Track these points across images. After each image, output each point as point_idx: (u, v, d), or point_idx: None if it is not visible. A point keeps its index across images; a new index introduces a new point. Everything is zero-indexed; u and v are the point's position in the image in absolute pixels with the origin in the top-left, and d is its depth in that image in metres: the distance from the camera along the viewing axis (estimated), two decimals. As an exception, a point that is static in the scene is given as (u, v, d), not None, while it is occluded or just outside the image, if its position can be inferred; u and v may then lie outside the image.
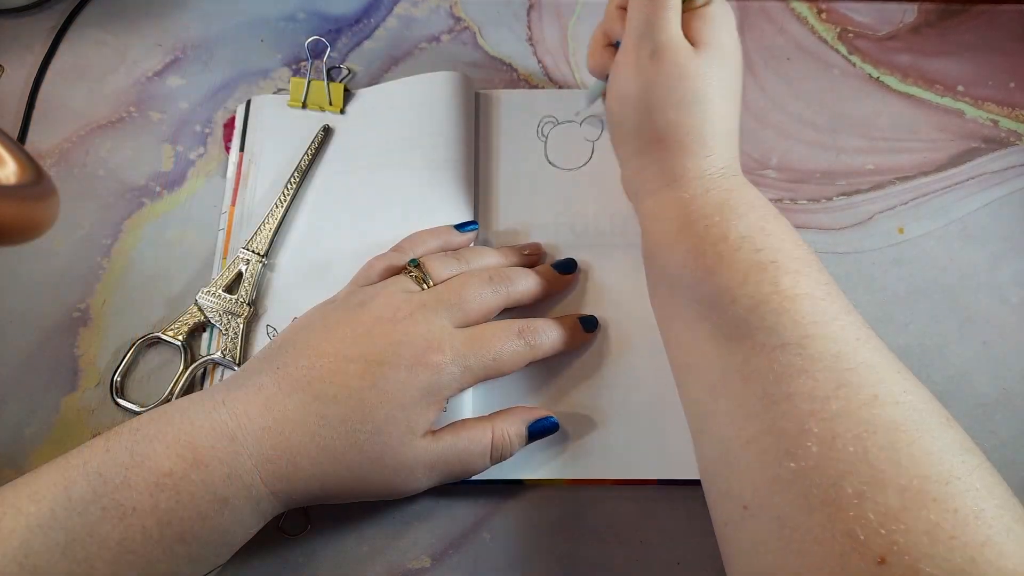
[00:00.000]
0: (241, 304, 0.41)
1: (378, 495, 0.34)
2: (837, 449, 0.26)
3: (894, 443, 0.26)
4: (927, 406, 0.28)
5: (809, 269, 0.32)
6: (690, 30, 0.36)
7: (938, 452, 0.26)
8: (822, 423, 0.27)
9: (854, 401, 0.27)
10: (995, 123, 0.47)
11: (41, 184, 0.26)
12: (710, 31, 0.35)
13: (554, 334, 0.38)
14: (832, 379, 0.28)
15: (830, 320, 0.30)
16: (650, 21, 0.35)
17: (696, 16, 0.36)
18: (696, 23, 0.36)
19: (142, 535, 0.29)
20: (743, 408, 0.30)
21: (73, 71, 0.49)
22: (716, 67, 0.35)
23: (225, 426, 0.31)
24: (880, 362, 0.29)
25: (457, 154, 0.44)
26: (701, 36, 0.35)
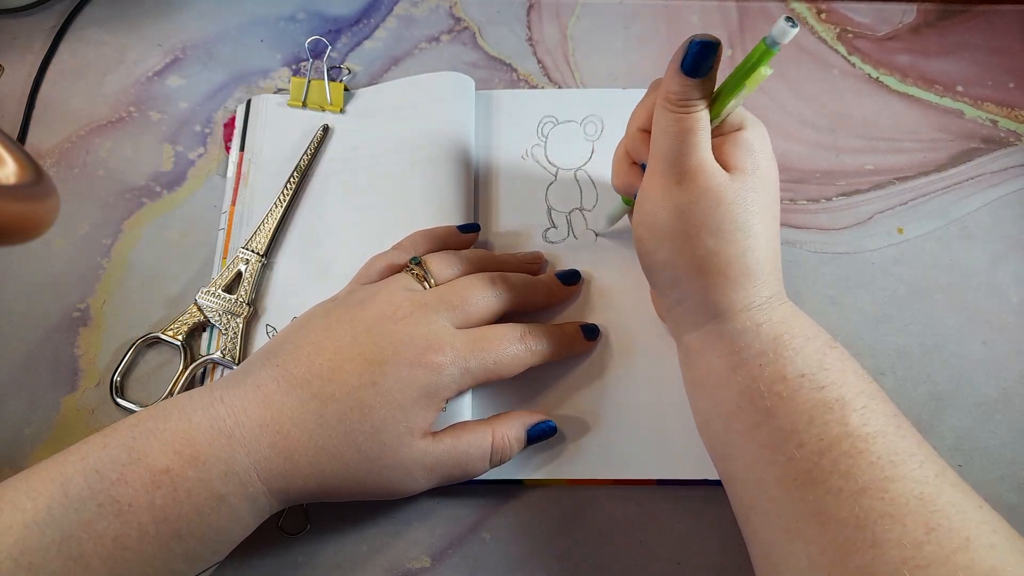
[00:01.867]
0: (241, 304, 0.41)
1: (376, 495, 0.34)
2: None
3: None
4: (1019, 544, 0.27)
5: (876, 403, 0.30)
6: (722, 154, 0.33)
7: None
8: (916, 572, 0.25)
9: (946, 547, 0.26)
10: (994, 123, 0.47)
11: (41, 184, 0.26)
12: (746, 155, 0.33)
13: (555, 340, 0.38)
14: (921, 523, 0.26)
15: (907, 458, 0.28)
16: (678, 146, 0.32)
17: (728, 140, 0.33)
18: (729, 147, 0.33)
19: (138, 532, 0.29)
20: (824, 555, 0.28)
21: (73, 71, 0.49)
22: (754, 192, 0.32)
23: (223, 423, 0.31)
24: (962, 499, 0.27)
25: (457, 154, 0.44)
26: (736, 160, 0.33)
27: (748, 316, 0.32)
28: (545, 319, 0.41)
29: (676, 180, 0.32)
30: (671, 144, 0.32)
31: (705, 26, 0.51)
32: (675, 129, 0.32)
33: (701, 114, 0.32)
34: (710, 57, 0.30)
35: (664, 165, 0.33)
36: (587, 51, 0.50)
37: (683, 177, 0.32)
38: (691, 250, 0.33)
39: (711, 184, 0.32)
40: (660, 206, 0.33)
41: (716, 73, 0.31)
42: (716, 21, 0.51)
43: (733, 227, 0.32)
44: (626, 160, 0.37)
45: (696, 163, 0.32)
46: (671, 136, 0.32)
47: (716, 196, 0.32)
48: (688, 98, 0.31)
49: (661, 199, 0.33)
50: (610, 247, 0.43)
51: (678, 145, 0.32)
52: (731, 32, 0.51)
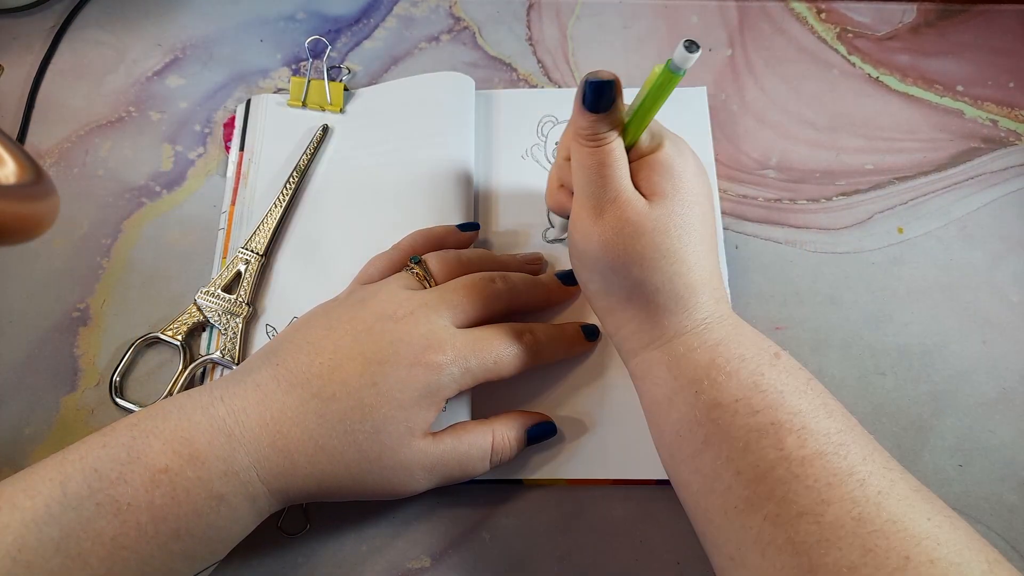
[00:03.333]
0: (240, 304, 0.41)
1: (376, 495, 0.34)
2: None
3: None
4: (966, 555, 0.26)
5: (815, 421, 0.29)
6: (641, 181, 0.33)
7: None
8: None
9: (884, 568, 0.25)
10: (994, 123, 0.47)
11: (41, 184, 0.26)
12: (664, 179, 0.32)
13: (556, 341, 0.38)
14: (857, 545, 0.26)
15: (845, 478, 0.27)
16: (593, 179, 0.32)
17: (646, 164, 0.33)
18: (646, 172, 0.33)
19: (137, 531, 0.29)
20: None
21: (73, 71, 0.49)
22: (675, 216, 0.32)
23: (223, 422, 0.31)
24: (907, 513, 0.27)
25: (457, 154, 0.44)
26: (654, 186, 0.32)
27: (681, 342, 0.32)
28: (545, 319, 0.41)
29: (597, 213, 0.32)
30: (588, 177, 0.32)
31: (705, 26, 0.51)
32: (589, 163, 0.32)
33: (613, 145, 0.32)
34: (607, 93, 0.31)
35: (585, 197, 0.33)
36: (587, 51, 0.50)
37: (603, 210, 0.32)
38: (619, 281, 0.33)
39: (629, 215, 0.32)
40: (586, 238, 0.33)
41: (621, 104, 0.32)
42: (716, 21, 0.51)
43: (657, 255, 0.32)
44: (556, 184, 0.39)
45: (613, 195, 0.32)
46: (586, 169, 0.32)
47: (635, 227, 0.32)
48: (596, 132, 0.32)
49: (587, 230, 0.33)
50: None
51: (594, 178, 0.32)
52: (731, 32, 0.51)
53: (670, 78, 0.29)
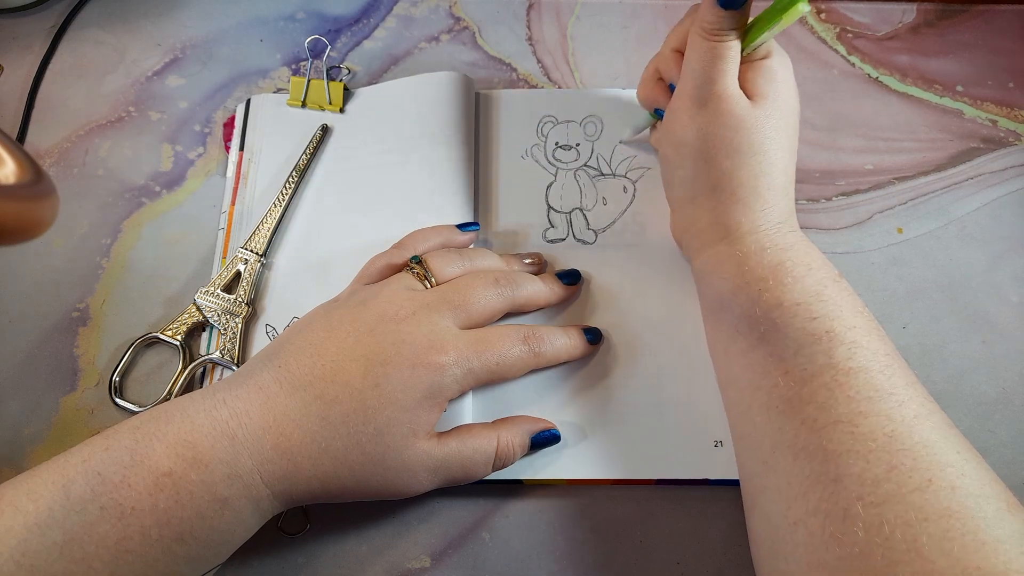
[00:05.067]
0: (239, 304, 0.41)
1: (380, 495, 0.34)
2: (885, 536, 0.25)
3: (947, 532, 0.25)
4: (986, 490, 0.26)
5: (868, 339, 0.30)
6: (747, 82, 0.35)
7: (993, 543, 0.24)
8: (870, 508, 0.26)
9: (906, 486, 0.26)
10: (994, 123, 0.47)
11: (40, 184, 0.26)
12: (768, 84, 0.35)
13: (559, 343, 0.38)
14: (884, 461, 0.26)
15: (886, 396, 0.28)
16: (707, 71, 0.34)
17: (753, 68, 0.35)
18: (753, 75, 0.35)
19: (140, 535, 0.28)
20: (791, 487, 0.29)
21: (72, 71, 0.49)
22: (773, 119, 0.34)
23: (225, 425, 0.31)
24: (938, 441, 0.27)
25: (457, 153, 0.44)
26: (758, 88, 0.35)
27: (754, 239, 0.34)
28: (546, 320, 0.41)
29: (702, 103, 0.35)
30: (701, 69, 0.34)
31: (705, 26, 0.51)
32: (706, 56, 0.34)
33: (732, 43, 0.34)
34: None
35: (692, 88, 0.35)
36: (587, 51, 0.50)
37: (708, 101, 0.34)
38: (708, 170, 0.35)
39: (733, 109, 0.34)
40: (686, 126, 0.35)
41: (750, 7, 0.33)
42: (716, 21, 0.51)
43: (749, 150, 0.34)
44: (654, 76, 0.40)
45: (721, 89, 0.34)
46: (702, 62, 0.34)
47: (736, 121, 0.34)
48: (721, 28, 0.33)
49: (687, 119, 0.35)
50: (611, 245, 0.43)
51: (707, 71, 0.34)
52: (731, 32, 0.51)
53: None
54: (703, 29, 0.34)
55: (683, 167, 0.36)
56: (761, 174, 0.34)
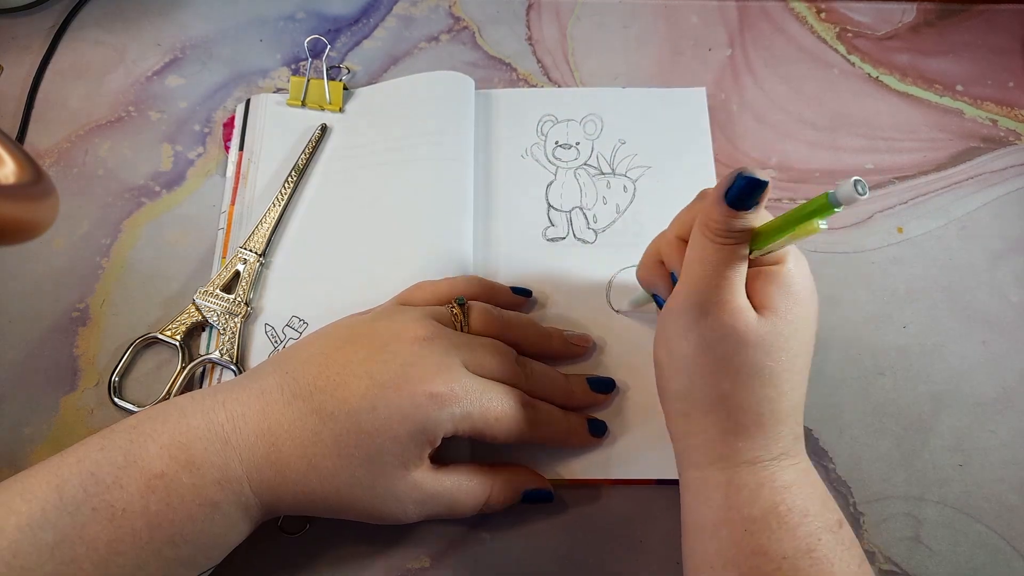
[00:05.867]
0: (239, 304, 0.41)
1: (365, 519, 0.33)
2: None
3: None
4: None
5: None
6: (755, 291, 0.31)
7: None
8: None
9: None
10: (994, 123, 0.47)
11: (40, 184, 0.26)
12: (780, 295, 0.30)
13: (558, 424, 0.36)
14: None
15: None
16: (709, 277, 0.30)
17: (763, 276, 0.31)
18: (763, 284, 0.31)
19: (132, 537, 0.28)
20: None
21: (72, 71, 0.49)
22: (783, 337, 0.30)
23: (220, 428, 0.31)
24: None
25: (456, 153, 0.44)
26: (768, 300, 0.30)
27: (751, 472, 0.30)
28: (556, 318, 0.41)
29: (701, 312, 0.30)
30: (703, 272, 0.30)
31: (705, 26, 0.51)
32: (710, 258, 0.30)
33: (739, 247, 0.30)
34: (757, 192, 0.28)
35: (693, 292, 0.31)
36: (587, 51, 0.50)
37: (709, 311, 0.30)
38: (705, 388, 0.31)
39: (736, 325, 0.30)
40: (682, 336, 0.31)
41: (762, 208, 0.29)
42: (716, 21, 0.51)
43: (752, 373, 0.30)
44: (655, 258, 0.36)
45: (724, 298, 0.30)
46: (704, 264, 0.30)
47: (739, 338, 0.30)
48: (730, 229, 0.29)
49: (684, 328, 0.31)
50: (611, 244, 0.43)
51: (710, 276, 0.30)
52: (731, 32, 0.51)
53: (824, 207, 0.27)
54: (708, 228, 0.30)
55: (677, 379, 0.32)
56: (765, 399, 0.30)
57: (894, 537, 0.37)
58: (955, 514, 0.37)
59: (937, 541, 0.37)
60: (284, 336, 0.41)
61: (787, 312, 0.30)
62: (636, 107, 0.47)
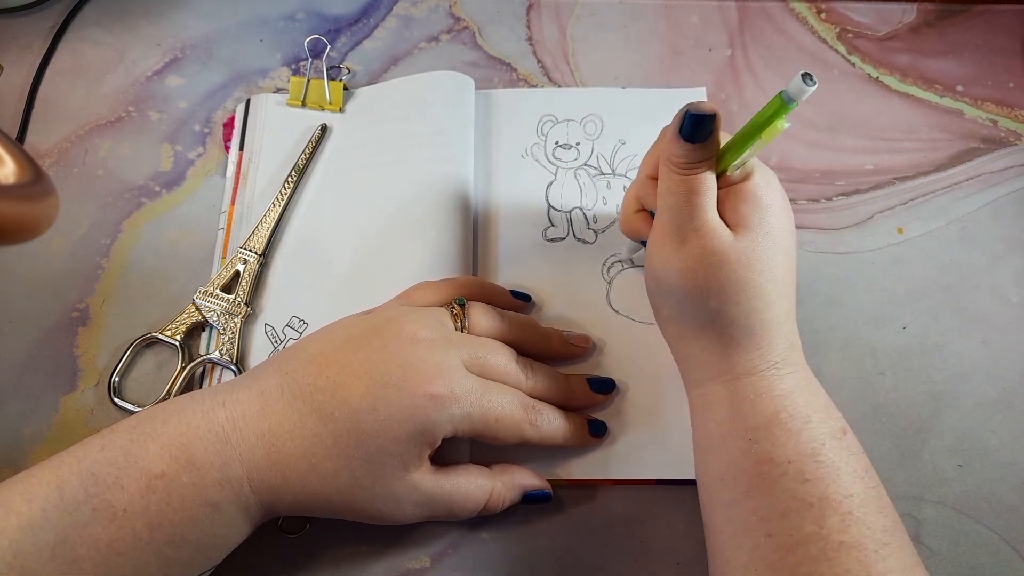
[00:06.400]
0: (238, 304, 0.41)
1: (365, 520, 0.33)
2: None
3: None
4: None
5: (865, 510, 0.28)
6: (727, 210, 0.32)
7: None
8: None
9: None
10: (994, 123, 0.47)
11: (40, 184, 0.26)
12: (751, 210, 0.32)
13: (558, 425, 0.36)
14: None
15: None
16: (681, 206, 0.31)
17: (733, 194, 0.32)
18: (734, 202, 0.32)
19: (132, 537, 0.28)
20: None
21: (72, 71, 0.49)
22: (759, 251, 0.31)
23: (221, 428, 0.31)
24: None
25: (456, 153, 0.44)
26: (741, 216, 0.32)
27: (749, 383, 0.31)
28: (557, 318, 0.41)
29: (680, 240, 0.32)
30: (675, 203, 0.32)
31: (705, 26, 0.51)
32: (678, 189, 0.31)
33: (704, 175, 0.31)
34: (706, 125, 0.30)
35: (669, 224, 0.32)
36: (587, 51, 0.50)
37: (687, 237, 0.32)
38: (695, 310, 0.32)
39: (714, 245, 0.31)
40: (666, 264, 0.33)
41: (718, 136, 0.31)
42: (716, 21, 0.51)
43: (736, 288, 0.31)
44: (634, 205, 0.37)
45: (699, 223, 0.31)
46: (675, 195, 0.32)
47: (719, 257, 0.31)
48: (690, 161, 0.31)
49: (667, 256, 0.33)
50: (610, 247, 0.43)
51: (682, 205, 0.32)
52: (731, 32, 0.51)
53: (781, 107, 0.28)
54: (671, 163, 0.31)
55: (667, 305, 0.34)
56: (753, 311, 0.31)
57: (894, 537, 0.37)
58: (955, 514, 0.37)
59: (937, 541, 0.37)
60: (284, 336, 0.41)
61: (760, 225, 0.32)
62: (636, 107, 0.47)
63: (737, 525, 0.30)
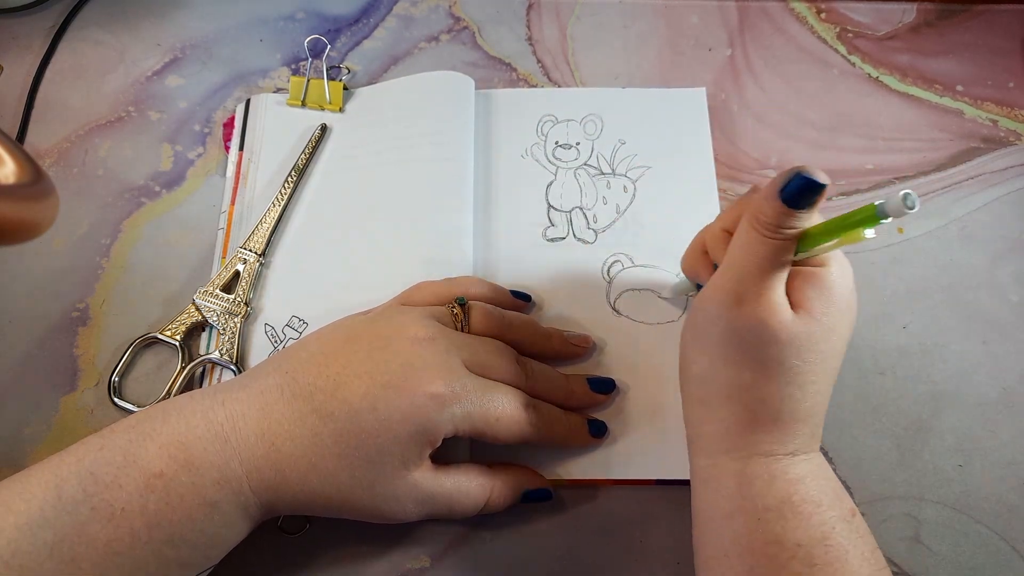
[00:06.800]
0: (239, 304, 0.41)
1: (365, 518, 0.33)
2: None
3: None
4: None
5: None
6: (795, 289, 0.30)
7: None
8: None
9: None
10: (994, 123, 0.47)
11: (40, 184, 0.26)
12: (819, 298, 0.30)
13: (558, 425, 0.36)
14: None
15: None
16: (751, 268, 0.30)
17: (804, 276, 0.31)
18: (803, 284, 0.30)
19: (130, 536, 0.28)
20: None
21: (72, 71, 0.49)
22: (814, 340, 0.30)
23: (220, 428, 0.31)
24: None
25: (456, 153, 0.44)
26: (807, 301, 0.30)
27: (764, 465, 0.30)
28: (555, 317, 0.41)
29: (737, 300, 0.30)
30: (745, 263, 0.30)
31: (705, 26, 0.51)
32: (755, 250, 0.30)
33: (787, 244, 0.29)
34: (813, 194, 0.28)
35: (731, 280, 0.30)
36: (587, 50, 0.50)
37: (745, 300, 0.30)
38: (727, 375, 0.31)
39: (770, 319, 0.29)
40: (713, 320, 0.31)
41: (815, 209, 0.29)
42: (716, 21, 0.51)
43: (778, 369, 0.30)
44: (700, 248, 0.36)
45: (763, 291, 0.30)
46: (748, 255, 0.30)
47: (770, 333, 0.29)
48: (780, 225, 0.29)
49: (716, 313, 0.31)
50: (612, 243, 0.43)
51: (752, 267, 0.30)
52: (731, 32, 0.51)
53: (872, 219, 0.27)
54: (758, 221, 0.29)
55: (700, 362, 0.32)
56: (787, 398, 0.30)
57: (894, 537, 0.37)
58: (955, 514, 0.37)
59: (937, 541, 0.37)
60: (284, 336, 0.41)
61: (823, 315, 0.30)
62: (636, 107, 0.47)
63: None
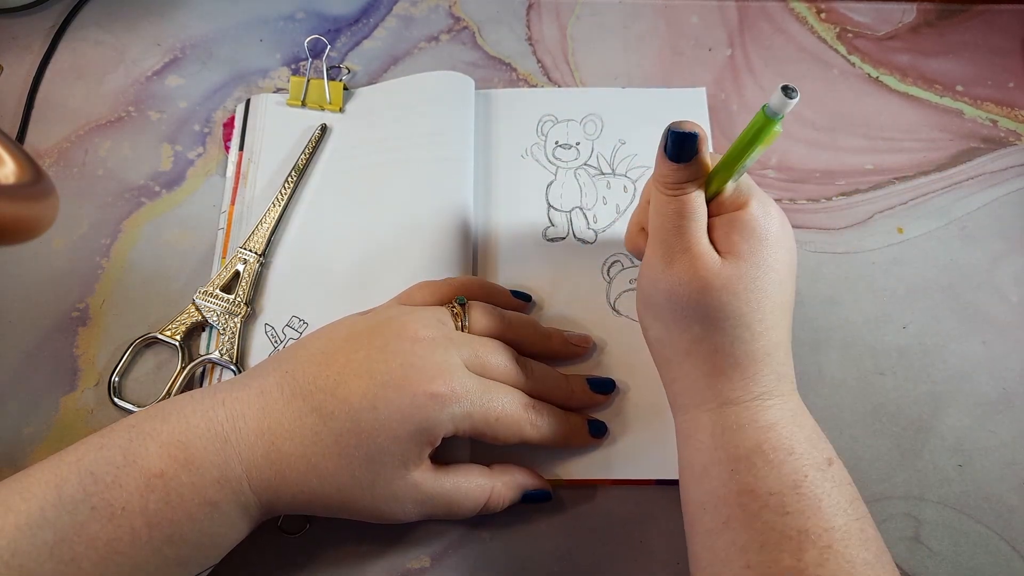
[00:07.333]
0: (239, 304, 0.41)
1: (365, 518, 0.33)
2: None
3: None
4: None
5: (845, 544, 0.27)
6: (719, 236, 0.32)
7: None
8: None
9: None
10: (994, 123, 0.47)
11: (40, 184, 0.26)
12: (742, 239, 0.31)
13: (558, 424, 0.36)
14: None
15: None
16: (669, 228, 0.31)
17: (727, 221, 0.32)
18: (726, 228, 0.32)
19: (131, 536, 0.28)
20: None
21: (72, 71, 0.49)
22: (746, 279, 0.31)
23: (220, 427, 0.31)
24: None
25: (456, 153, 0.44)
26: (731, 244, 0.31)
27: (733, 412, 0.31)
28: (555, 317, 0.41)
29: (667, 261, 0.32)
30: (663, 224, 0.32)
31: (705, 25, 0.51)
32: (666, 210, 0.32)
33: (691, 196, 0.31)
34: (689, 144, 0.30)
35: (657, 244, 0.32)
36: (587, 51, 0.50)
37: (673, 259, 0.32)
38: (679, 333, 0.32)
39: (698, 269, 0.31)
40: (653, 285, 0.33)
41: (704, 156, 0.31)
42: (716, 21, 0.51)
43: (720, 315, 0.31)
44: (637, 227, 0.38)
45: (685, 245, 0.31)
46: (663, 216, 0.32)
47: (703, 283, 0.31)
48: (676, 180, 0.31)
49: (654, 277, 0.32)
50: (610, 247, 0.43)
51: (669, 227, 0.32)
52: (731, 31, 0.51)
53: (766, 123, 0.28)
54: (659, 182, 0.32)
55: (655, 327, 0.34)
56: (737, 340, 0.31)
57: (894, 537, 0.37)
58: (955, 514, 0.37)
59: (937, 541, 0.37)
60: (284, 336, 0.41)
61: (751, 254, 0.31)
62: (636, 107, 0.47)
63: (716, 555, 0.30)
